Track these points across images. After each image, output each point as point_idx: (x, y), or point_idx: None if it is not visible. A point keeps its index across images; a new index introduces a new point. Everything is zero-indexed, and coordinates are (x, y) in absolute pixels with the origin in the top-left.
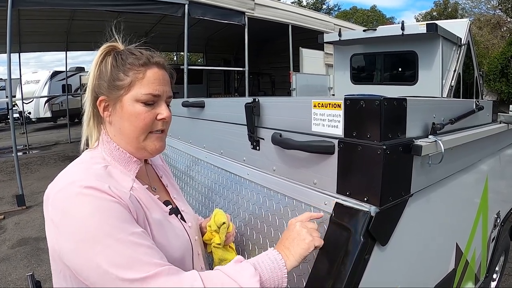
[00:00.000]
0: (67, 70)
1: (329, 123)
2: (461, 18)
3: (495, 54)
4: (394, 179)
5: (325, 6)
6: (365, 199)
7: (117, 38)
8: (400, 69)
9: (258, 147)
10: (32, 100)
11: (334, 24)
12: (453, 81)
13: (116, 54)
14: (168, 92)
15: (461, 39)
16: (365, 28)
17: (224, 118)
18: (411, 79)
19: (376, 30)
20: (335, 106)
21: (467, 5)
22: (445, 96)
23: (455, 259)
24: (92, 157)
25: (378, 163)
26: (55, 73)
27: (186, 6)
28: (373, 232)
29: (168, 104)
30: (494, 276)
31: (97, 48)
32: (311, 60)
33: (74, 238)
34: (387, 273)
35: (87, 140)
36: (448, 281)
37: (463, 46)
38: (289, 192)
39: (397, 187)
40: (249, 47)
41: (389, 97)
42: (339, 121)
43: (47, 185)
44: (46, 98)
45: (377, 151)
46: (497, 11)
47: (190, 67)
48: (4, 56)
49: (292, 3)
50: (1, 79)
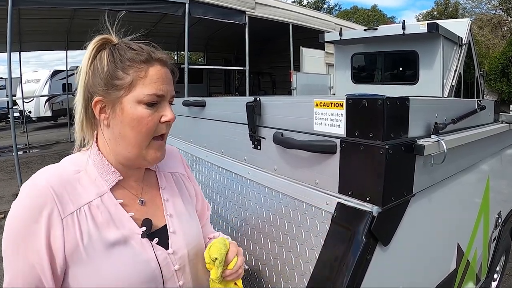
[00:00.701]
0: (68, 69)
1: (331, 123)
2: (462, 18)
3: (496, 54)
4: (397, 179)
5: (326, 6)
6: (367, 199)
7: (111, 30)
8: (401, 69)
9: (259, 147)
10: (33, 99)
11: (335, 24)
12: (454, 81)
13: (112, 48)
14: (172, 92)
15: (462, 39)
16: (366, 28)
17: (225, 117)
18: (412, 79)
19: (377, 30)
20: (337, 106)
21: (468, 5)
22: (446, 96)
23: (457, 259)
24: (71, 160)
25: (381, 163)
26: (56, 72)
27: (187, 5)
28: (375, 232)
29: (171, 104)
30: (495, 276)
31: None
32: (312, 60)
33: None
34: (389, 274)
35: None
36: (450, 281)
37: (464, 46)
38: (291, 192)
39: (400, 187)
40: (250, 47)
41: (392, 97)
42: (341, 121)
43: None
44: (47, 97)
45: (380, 151)
46: (498, 11)
47: (191, 67)
48: (5, 55)
49: (293, 3)
50: (2, 78)
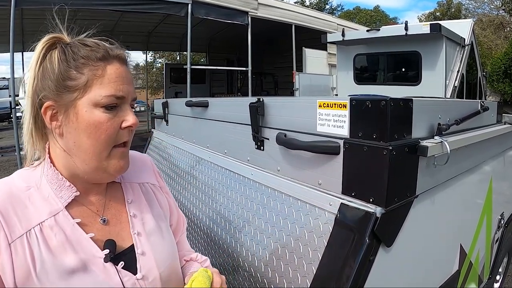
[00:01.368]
0: None
1: (335, 124)
2: (465, 19)
3: (499, 55)
4: (400, 180)
5: (328, 6)
6: (371, 200)
7: (62, 28)
8: (404, 70)
9: (263, 147)
10: None
11: (337, 24)
12: (457, 82)
13: (64, 46)
14: (133, 93)
15: (465, 40)
16: (369, 28)
17: (228, 118)
18: (415, 80)
19: (380, 30)
20: (341, 106)
21: (471, 6)
22: (449, 97)
23: (459, 260)
24: (22, 175)
25: (384, 164)
26: None
27: (190, 6)
28: (379, 233)
29: (133, 108)
30: (498, 278)
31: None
32: (314, 60)
33: None
34: (392, 274)
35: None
36: (452, 282)
37: (467, 47)
38: (294, 193)
39: (403, 188)
40: (252, 47)
41: (395, 98)
42: (345, 121)
43: None
44: None
45: (383, 152)
46: (501, 12)
47: (193, 67)
48: (7, 56)
49: (295, 3)
50: (4, 78)
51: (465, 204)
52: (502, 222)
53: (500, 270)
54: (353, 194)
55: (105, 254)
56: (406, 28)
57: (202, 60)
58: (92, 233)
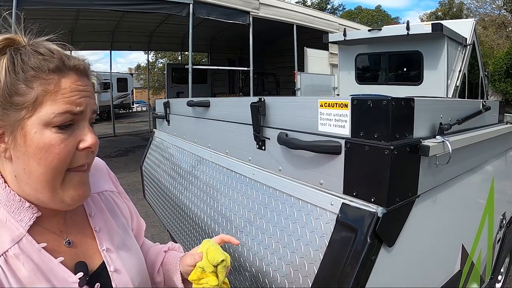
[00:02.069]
0: None
1: (336, 123)
2: (466, 18)
3: (500, 54)
4: (401, 180)
5: (330, 6)
6: (372, 200)
7: (16, 28)
8: (405, 69)
9: (264, 147)
10: None
11: (339, 24)
12: (458, 81)
13: (15, 53)
14: (93, 105)
15: (467, 39)
16: (370, 28)
17: (230, 118)
18: (416, 79)
19: (381, 30)
20: (342, 106)
21: (472, 5)
22: (451, 96)
23: (461, 260)
24: None
25: (386, 164)
26: None
27: (191, 6)
28: (380, 233)
29: (92, 123)
30: (499, 278)
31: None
32: (316, 60)
33: None
34: (393, 274)
35: None
36: (454, 282)
37: (469, 46)
38: (295, 193)
39: (404, 188)
40: (254, 47)
41: (397, 97)
42: (346, 121)
43: None
44: None
45: (385, 151)
46: (502, 11)
47: (195, 67)
48: None
49: (297, 3)
50: None
51: (467, 204)
52: (504, 222)
53: (502, 271)
54: (355, 194)
55: (79, 278)
56: (408, 28)
57: (204, 60)
58: (61, 257)
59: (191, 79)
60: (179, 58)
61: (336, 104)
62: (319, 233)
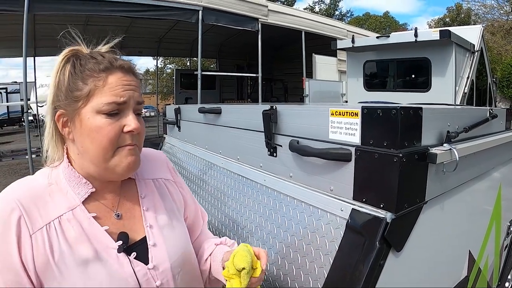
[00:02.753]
0: None
1: (346, 131)
2: (474, 24)
3: (508, 60)
4: (410, 187)
5: (338, 12)
6: (381, 206)
7: (81, 41)
8: (413, 76)
9: (275, 154)
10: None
11: (347, 31)
12: (467, 88)
13: (76, 60)
14: (137, 98)
15: (474, 46)
16: (379, 35)
17: (241, 125)
18: (424, 86)
19: (389, 37)
20: (352, 115)
21: (480, 11)
22: (459, 103)
23: (468, 267)
24: (44, 173)
25: (395, 171)
26: None
27: (200, 12)
28: (389, 238)
29: (139, 113)
30: (507, 285)
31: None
32: (324, 67)
33: None
34: (401, 279)
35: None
36: None
37: (476, 53)
38: (306, 199)
39: (413, 195)
40: (262, 53)
41: (406, 106)
42: (356, 129)
43: None
44: None
45: (394, 159)
46: (510, 17)
47: (204, 73)
48: (19, 60)
49: (305, 10)
50: (16, 82)
51: (474, 211)
52: (511, 229)
53: (509, 277)
54: (364, 200)
55: (118, 245)
56: (416, 35)
57: (212, 66)
58: (107, 226)
59: (200, 85)
60: (188, 64)
61: (347, 113)
62: (329, 238)
